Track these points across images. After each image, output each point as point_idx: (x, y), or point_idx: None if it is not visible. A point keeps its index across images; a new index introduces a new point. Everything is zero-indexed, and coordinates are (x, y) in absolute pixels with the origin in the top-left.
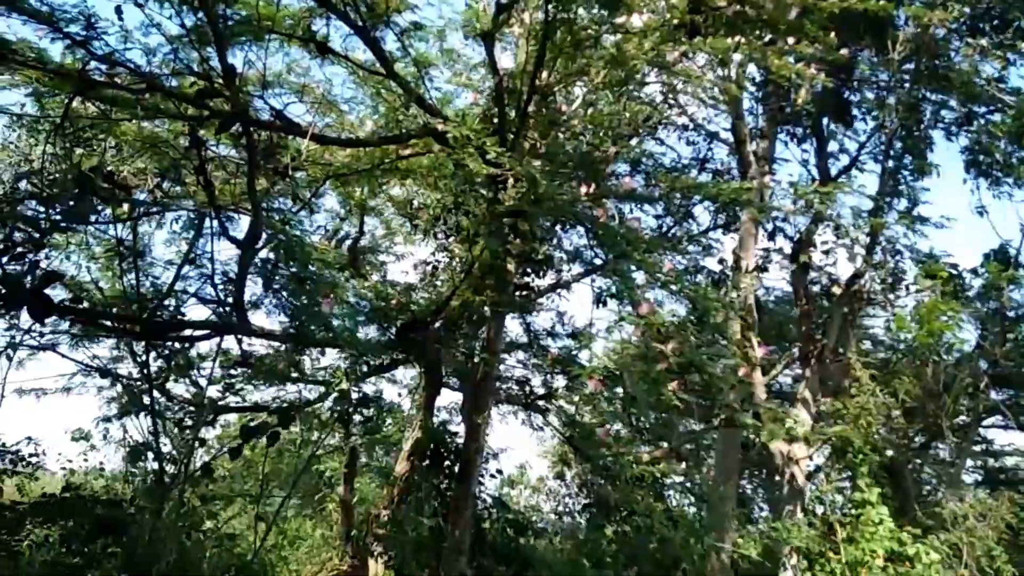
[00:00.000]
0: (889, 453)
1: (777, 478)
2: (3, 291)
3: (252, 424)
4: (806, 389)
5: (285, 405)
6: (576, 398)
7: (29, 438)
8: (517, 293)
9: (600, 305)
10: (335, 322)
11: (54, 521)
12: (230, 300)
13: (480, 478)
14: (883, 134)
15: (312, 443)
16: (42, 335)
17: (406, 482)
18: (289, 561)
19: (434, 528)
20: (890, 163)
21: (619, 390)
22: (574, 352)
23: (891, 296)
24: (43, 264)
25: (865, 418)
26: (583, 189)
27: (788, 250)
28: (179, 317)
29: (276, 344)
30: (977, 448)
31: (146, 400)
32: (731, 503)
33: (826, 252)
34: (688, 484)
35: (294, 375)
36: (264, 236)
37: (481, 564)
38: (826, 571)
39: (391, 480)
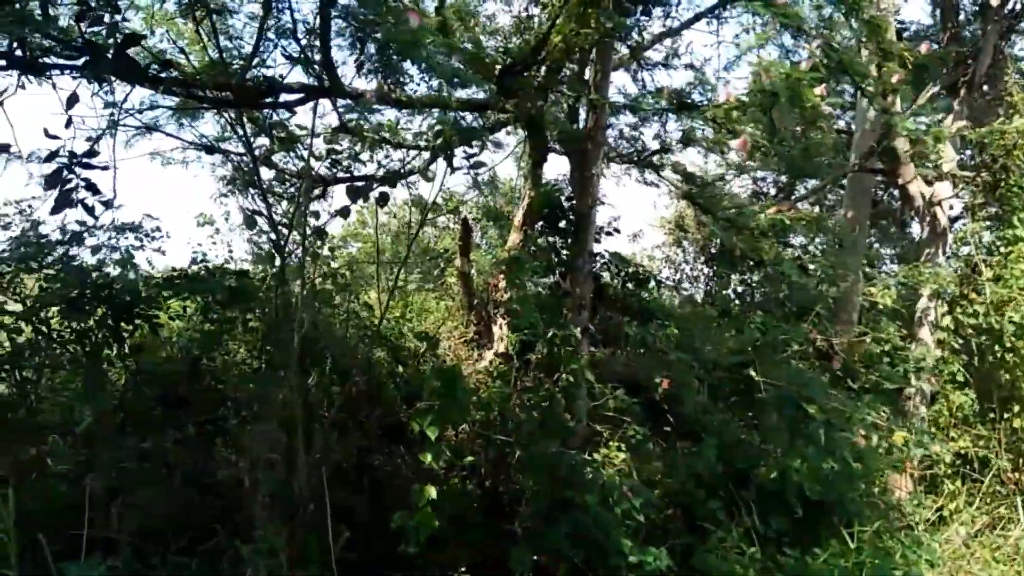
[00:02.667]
0: None
1: (909, 229)
2: (87, 57)
3: (359, 185)
4: (953, 123)
5: (391, 172)
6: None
7: (148, 215)
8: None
9: (727, 6)
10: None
11: (189, 293)
12: (318, 58)
13: (596, 235)
14: None
15: (422, 213)
16: (141, 111)
17: (520, 251)
18: (414, 330)
19: (553, 287)
20: None
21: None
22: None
23: None
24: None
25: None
26: None
27: None
28: (269, 83)
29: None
30: None
31: (255, 176)
32: (861, 251)
33: None
34: (816, 237)
35: (395, 140)
36: None
37: (603, 318)
38: (967, 313)
39: (506, 250)
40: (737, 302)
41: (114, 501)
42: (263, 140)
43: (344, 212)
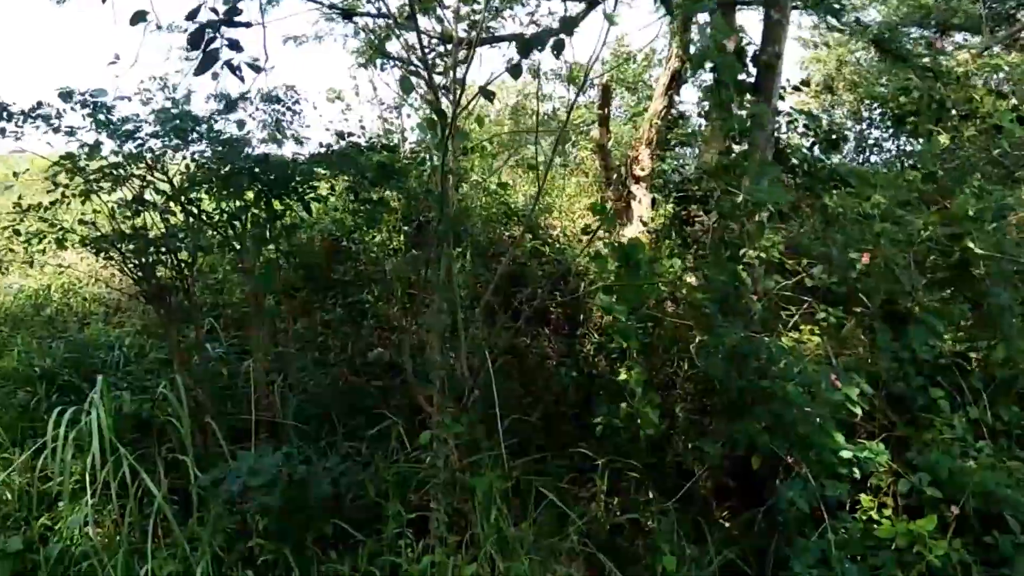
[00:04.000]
0: None
1: None
2: None
3: (531, 36)
4: None
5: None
6: None
7: (287, 85)
8: None
9: None
10: None
11: (340, 170)
12: None
13: (781, 91)
14: None
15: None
16: None
17: (664, 119)
18: (551, 209)
19: (725, 151)
20: None
21: None
22: None
23: None
24: None
25: None
26: None
27: None
28: None
29: None
30: None
31: (392, 43)
32: None
33: None
34: None
35: None
36: None
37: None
38: None
39: (648, 119)
40: (943, 157)
41: (273, 384)
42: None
43: (515, 70)
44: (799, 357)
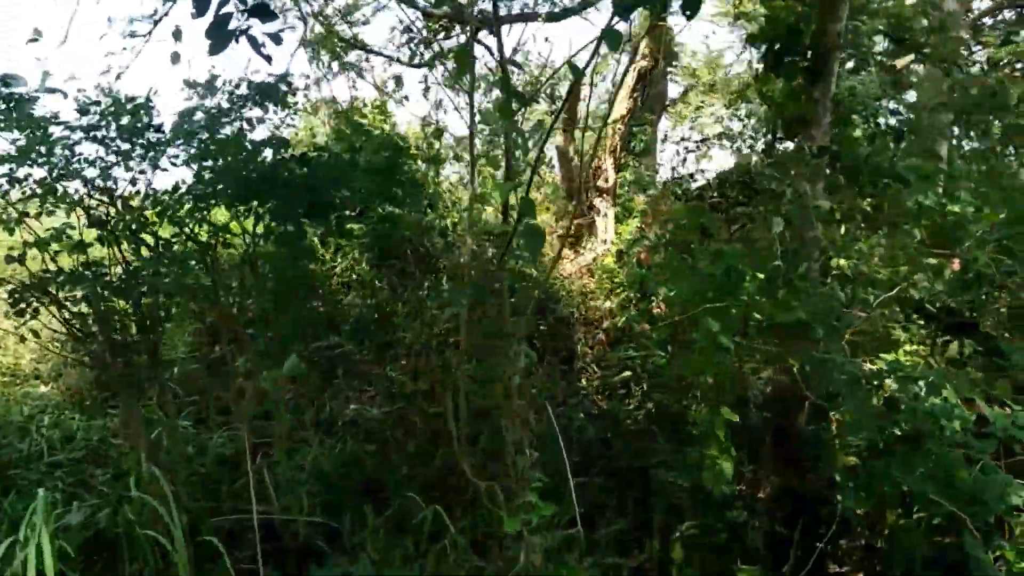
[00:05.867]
0: None
1: None
2: None
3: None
4: None
5: None
6: None
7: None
8: None
9: None
10: None
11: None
12: None
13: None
14: None
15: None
16: None
17: (628, 124)
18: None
19: (768, 146)
20: None
21: None
22: None
23: None
24: None
25: None
26: None
27: None
28: None
29: None
30: None
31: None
32: None
33: None
34: None
35: None
36: None
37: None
38: None
39: (610, 123)
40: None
41: (258, 459)
42: None
43: (613, 36)
44: (942, 385)
